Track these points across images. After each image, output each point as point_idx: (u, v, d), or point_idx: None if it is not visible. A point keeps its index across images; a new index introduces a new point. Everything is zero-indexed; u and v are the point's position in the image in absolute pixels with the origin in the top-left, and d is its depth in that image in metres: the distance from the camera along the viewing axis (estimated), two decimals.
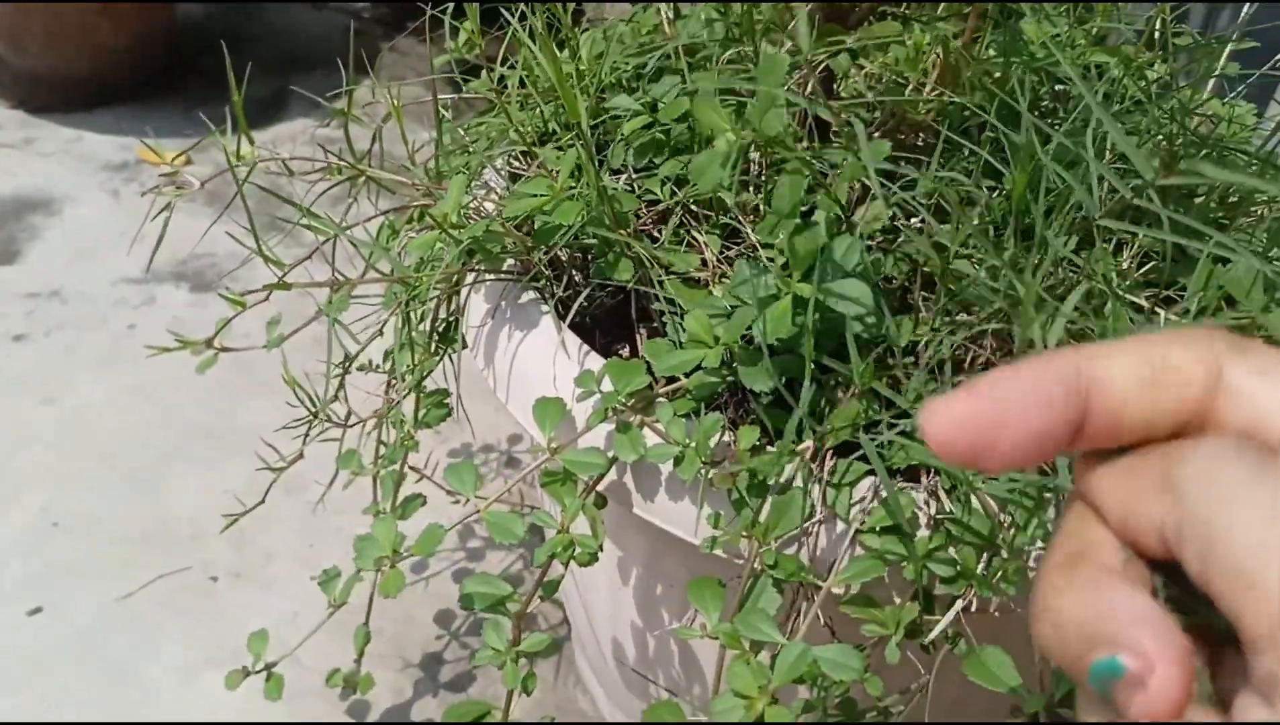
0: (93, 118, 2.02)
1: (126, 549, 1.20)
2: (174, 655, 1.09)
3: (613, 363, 0.60)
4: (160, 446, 1.34)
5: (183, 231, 0.91)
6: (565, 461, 0.59)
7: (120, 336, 1.52)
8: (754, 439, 0.56)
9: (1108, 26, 0.80)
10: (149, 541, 1.21)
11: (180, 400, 1.41)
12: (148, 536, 1.22)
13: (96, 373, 1.45)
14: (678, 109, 0.69)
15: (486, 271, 0.69)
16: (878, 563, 0.53)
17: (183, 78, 2.15)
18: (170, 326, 1.54)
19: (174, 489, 1.28)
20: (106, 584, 1.16)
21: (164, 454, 1.33)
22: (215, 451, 1.33)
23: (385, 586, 0.59)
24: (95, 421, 1.37)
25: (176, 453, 1.33)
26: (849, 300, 0.51)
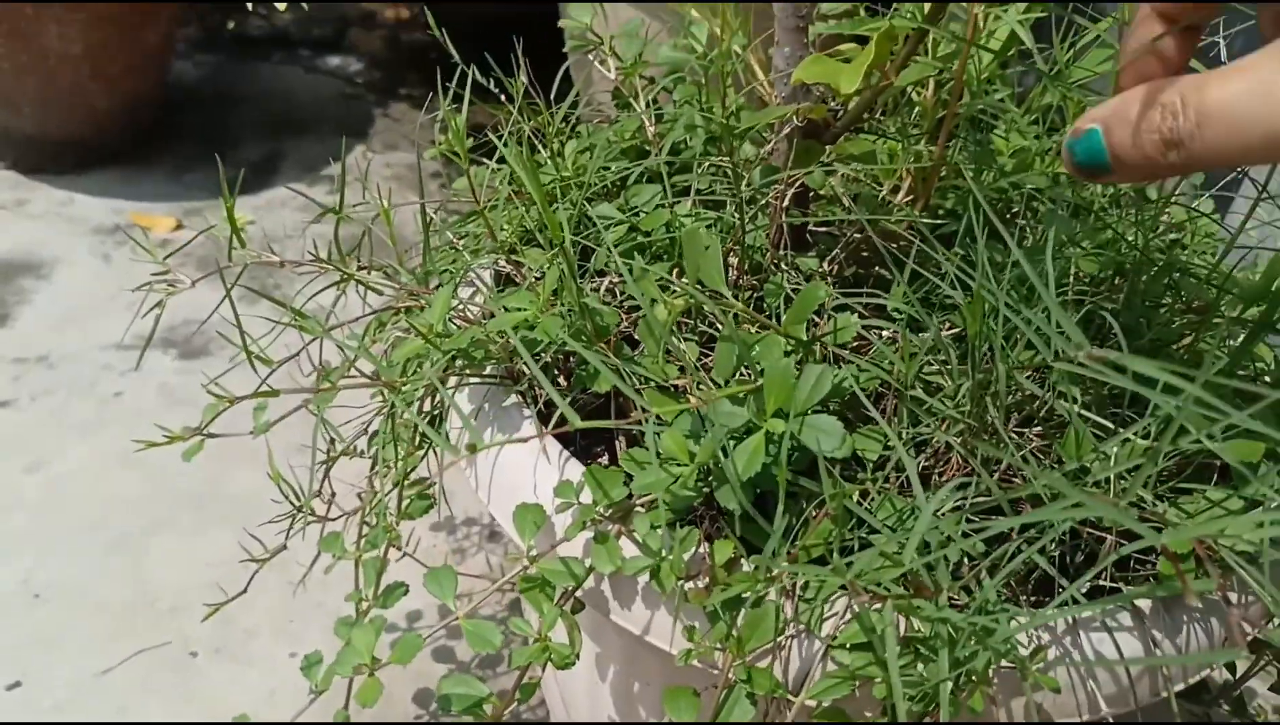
0: (85, 180, 2.04)
1: (107, 621, 1.20)
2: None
3: (591, 471, 0.61)
4: (144, 515, 1.34)
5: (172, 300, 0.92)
6: (543, 570, 0.61)
7: (107, 403, 1.53)
8: (729, 554, 0.57)
9: None
10: (130, 614, 1.21)
11: (166, 469, 1.41)
12: (129, 608, 1.22)
13: (82, 439, 1.46)
14: (658, 219, 0.71)
15: (470, 374, 0.71)
16: (847, 680, 0.55)
17: (175, 140, 2.18)
18: (158, 394, 1.55)
19: (157, 559, 1.28)
20: (86, 657, 1.16)
21: (148, 523, 1.33)
22: (200, 521, 1.34)
23: (362, 696, 0.60)
24: (80, 489, 1.38)
25: (161, 522, 1.34)
26: (822, 434, 0.53)
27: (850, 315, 0.64)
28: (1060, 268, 0.67)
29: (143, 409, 1.52)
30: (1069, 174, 0.51)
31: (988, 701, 0.56)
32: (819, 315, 0.68)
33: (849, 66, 0.59)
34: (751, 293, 0.72)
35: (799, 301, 0.59)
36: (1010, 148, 0.80)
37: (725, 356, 0.56)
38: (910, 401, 0.57)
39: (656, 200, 0.74)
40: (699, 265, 0.55)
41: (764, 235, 0.75)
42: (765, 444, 0.54)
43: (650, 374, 0.64)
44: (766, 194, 0.73)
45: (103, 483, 1.39)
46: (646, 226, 0.71)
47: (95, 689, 1.13)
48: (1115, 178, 0.48)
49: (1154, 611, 0.59)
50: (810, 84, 0.69)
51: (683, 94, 0.83)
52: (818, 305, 0.59)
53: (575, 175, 0.76)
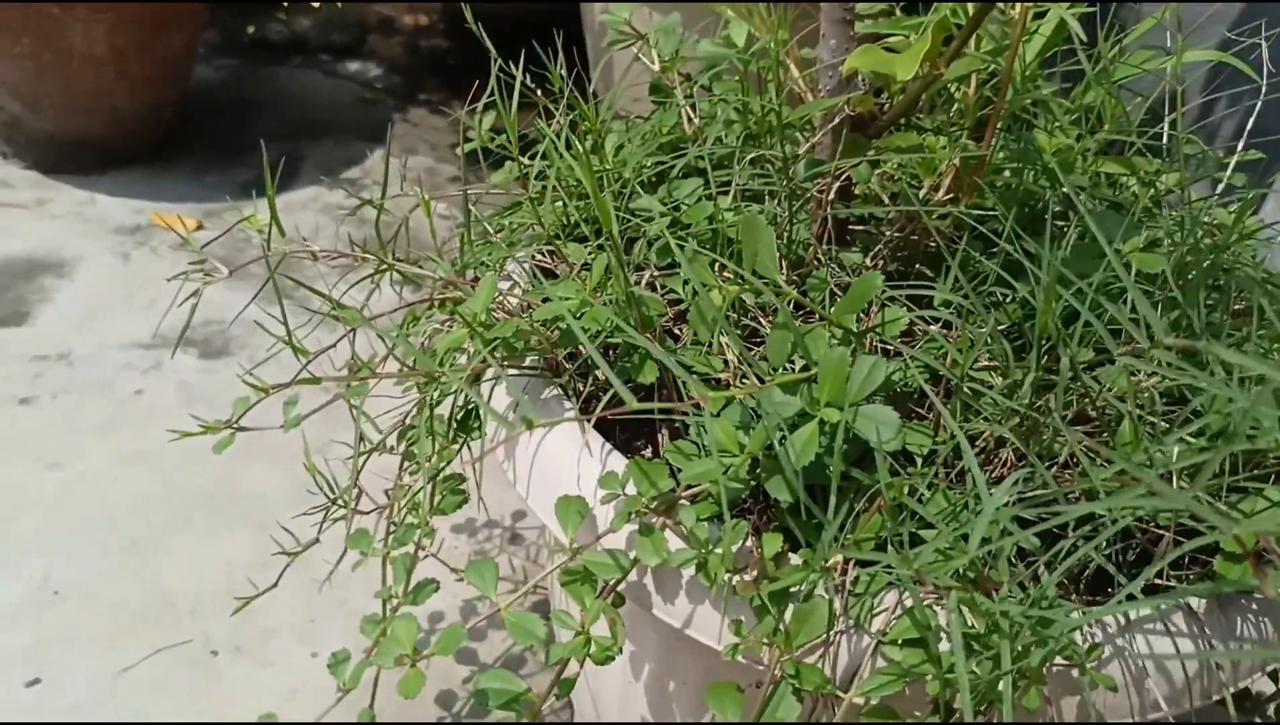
0: (106, 180, 2.04)
1: (127, 620, 1.19)
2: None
3: (636, 463, 0.61)
4: (163, 515, 1.34)
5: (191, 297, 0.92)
6: (587, 563, 0.60)
7: (126, 402, 1.52)
8: (778, 547, 0.56)
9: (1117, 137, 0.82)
10: (150, 612, 1.20)
11: (185, 467, 1.41)
12: (148, 607, 1.21)
13: (102, 438, 1.45)
14: (701, 212, 0.70)
15: (509, 366, 0.70)
16: (899, 676, 0.54)
17: (195, 142, 2.18)
18: (178, 393, 1.54)
19: (176, 558, 1.28)
20: (106, 655, 1.15)
21: (167, 522, 1.33)
22: (218, 521, 1.33)
23: (405, 686, 0.59)
24: (99, 488, 1.37)
25: (179, 521, 1.33)
26: (879, 423, 0.52)
27: (900, 309, 0.64)
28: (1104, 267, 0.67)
29: (162, 408, 1.52)
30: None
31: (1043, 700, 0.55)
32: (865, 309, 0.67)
33: (904, 54, 0.59)
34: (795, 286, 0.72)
35: (854, 290, 0.58)
36: (1053, 146, 0.79)
37: (780, 344, 0.55)
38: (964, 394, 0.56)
39: (698, 193, 0.74)
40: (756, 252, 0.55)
41: (806, 229, 0.74)
42: (819, 433, 0.53)
43: (695, 365, 0.63)
44: (810, 188, 0.72)
45: (122, 481, 1.38)
46: (689, 219, 0.71)
47: (114, 688, 1.12)
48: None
49: (1208, 611, 0.58)
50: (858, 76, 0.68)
51: (722, 89, 0.83)
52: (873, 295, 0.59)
53: (616, 168, 0.76)
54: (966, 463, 0.47)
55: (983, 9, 0.63)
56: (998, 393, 0.56)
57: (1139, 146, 0.83)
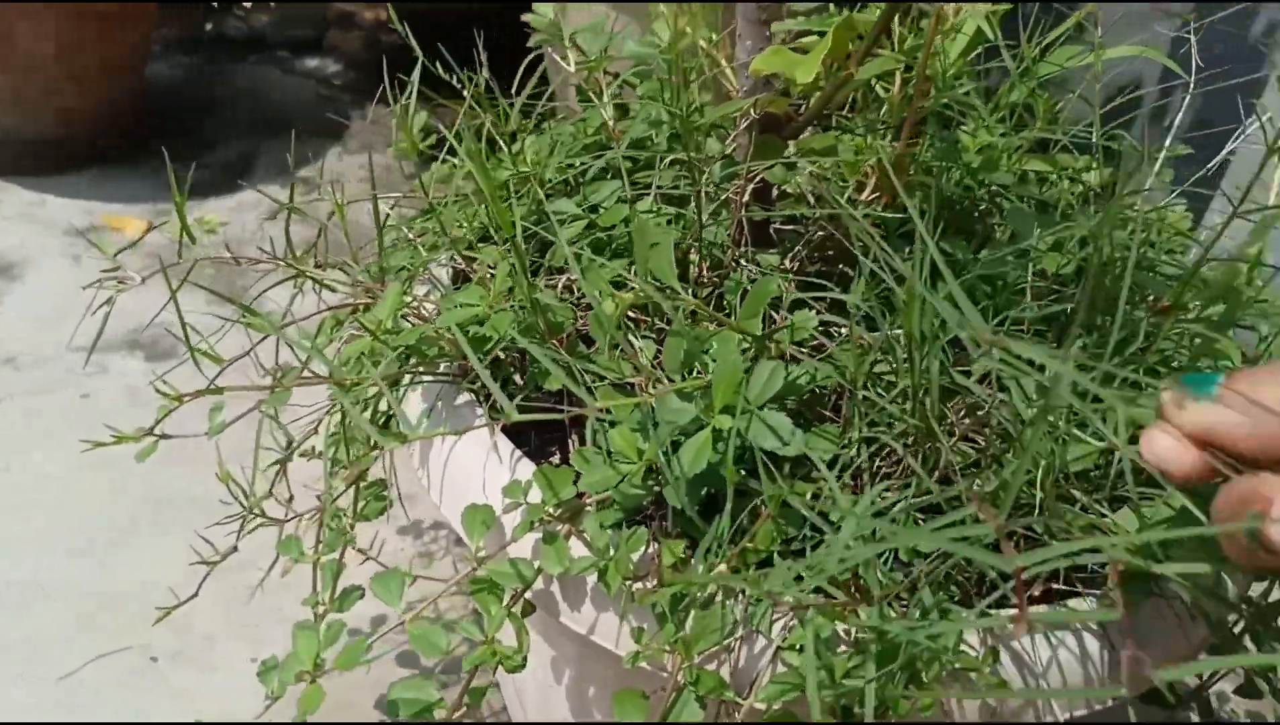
0: (58, 181, 2.01)
1: (70, 625, 1.18)
2: None
3: (542, 471, 0.60)
4: (110, 518, 1.32)
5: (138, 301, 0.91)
6: (491, 572, 0.59)
7: (74, 405, 1.51)
8: (677, 555, 0.56)
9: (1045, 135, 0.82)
10: (93, 617, 1.19)
11: (133, 471, 1.38)
12: (92, 612, 1.20)
13: (49, 441, 1.44)
14: (617, 215, 0.70)
15: (423, 372, 0.70)
16: (795, 681, 0.53)
17: (150, 141, 2.16)
18: (125, 396, 1.53)
19: (121, 562, 1.26)
20: (47, 661, 1.14)
21: (113, 525, 1.31)
22: (166, 523, 1.32)
23: (304, 703, 0.59)
24: (45, 492, 1.36)
25: (126, 524, 1.32)
26: (770, 431, 0.52)
27: (808, 312, 0.63)
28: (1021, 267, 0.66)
29: (110, 411, 1.50)
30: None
31: (939, 703, 0.55)
32: (777, 312, 0.67)
33: (805, 57, 0.58)
34: (712, 290, 0.71)
35: (752, 295, 0.57)
36: (977, 145, 0.79)
37: (674, 351, 0.55)
38: (861, 401, 0.56)
39: (616, 196, 0.73)
40: (649, 259, 0.54)
41: (725, 232, 0.74)
42: (713, 441, 0.53)
43: (603, 371, 0.62)
44: (728, 190, 0.72)
45: (69, 485, 1.37)
46: (605, 222, 0.70)
47: (55, 693, 1.11)
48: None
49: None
50: (770, 76, 0.68)
51: (646, 90, 0.82)
52: (771, 299, 0.58)
53: (534, 170, 0.75)
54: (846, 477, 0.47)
55: (889, 10, 0.62)
56: (890, 400, 0.56)
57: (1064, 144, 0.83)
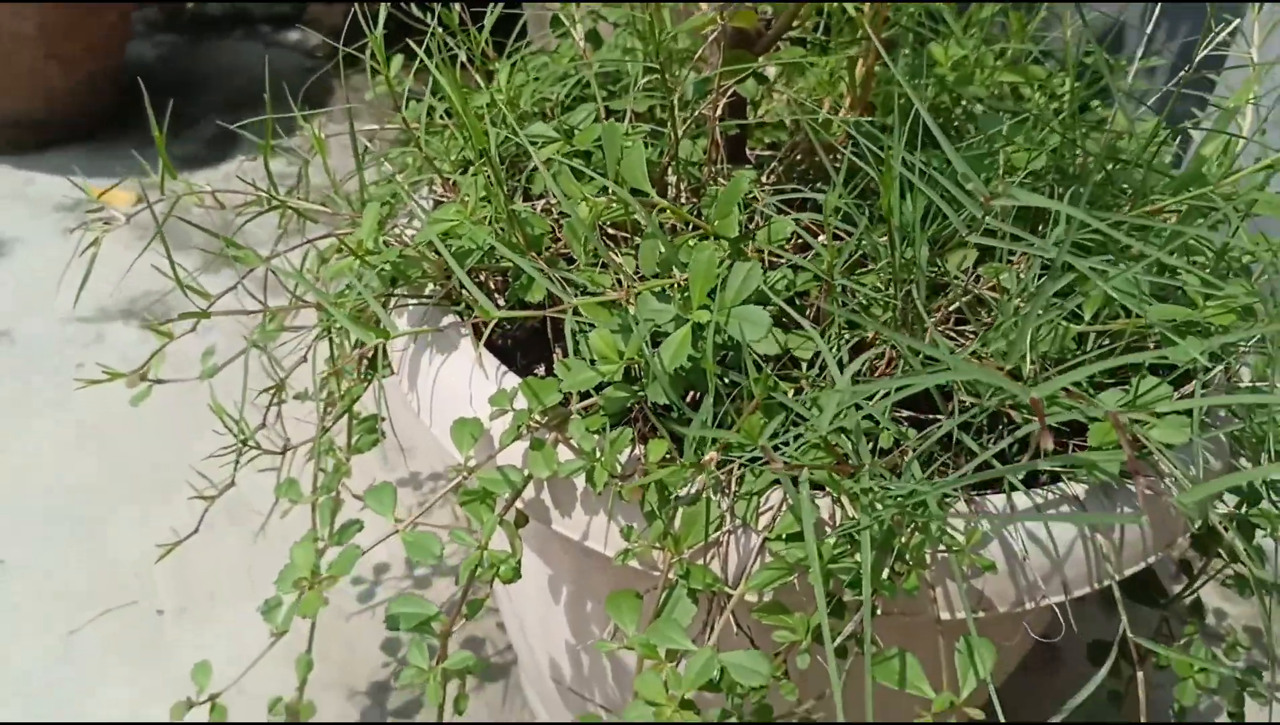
0: (45, 159, 2.02)
1: (74, 587, 1.19)
2: (120, 692, 1.08)
3: (526, 382, 0.61)
4: (108, 486, 1.33)
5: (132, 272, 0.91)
6: (481, 480, 0.60)
7: (69, 377, 1.52)
8: (664, 452, 0.57)
9: (1017, 48, 0.82)
10: (96, 580, 1.21)
11: (129, 438, 1.40)
12: (95, 575, 1.21)
13: (45, 413, 1.45)
14: (592, 134, 0.71)
15: (409, 297, 0.70)
16: (784, 569, 0.55)
17: (135, 119, 2.16)
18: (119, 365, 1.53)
19: (121, 527, 1.28)
20: (53, 622, 1.15)
21: (111, 493, 1.32)
22: (163, 490, 1.33)
23: (304, 607, 0.60)
24: (45, 461, 1.37)
25: (124, 492, 1.33)
26: (748, 323, 0.52)
27: (784, 219, 0.64)
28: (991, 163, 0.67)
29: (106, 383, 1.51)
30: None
31: (924, 584, 0.56)
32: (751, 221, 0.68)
33: None
34: (691, 208, 0.72)
35: (724, 194, 0.58)
36: (950, 58, 0.80)
37: (649, 253, 0.56)
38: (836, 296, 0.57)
39: (592, 117, 0.74)
40: (620, 162, 0.55)
41: (701, 151, 0.74)
42: (692, 337, 0.54)
43: (582, 280, 0.63)
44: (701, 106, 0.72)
45: (66, 454, 1.38)
46: (581, 142, 0.71)
47: (62, 652, 1.12)
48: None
49: (1091, 498, 0.59)
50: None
51: (618, 15, 0.83)
52: (745, 198, 0.59)
53: (509, 97, 0.76)
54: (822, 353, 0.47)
55: None
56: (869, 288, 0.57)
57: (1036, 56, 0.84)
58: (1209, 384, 0.60)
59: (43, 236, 1.81)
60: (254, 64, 2.42)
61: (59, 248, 1.79)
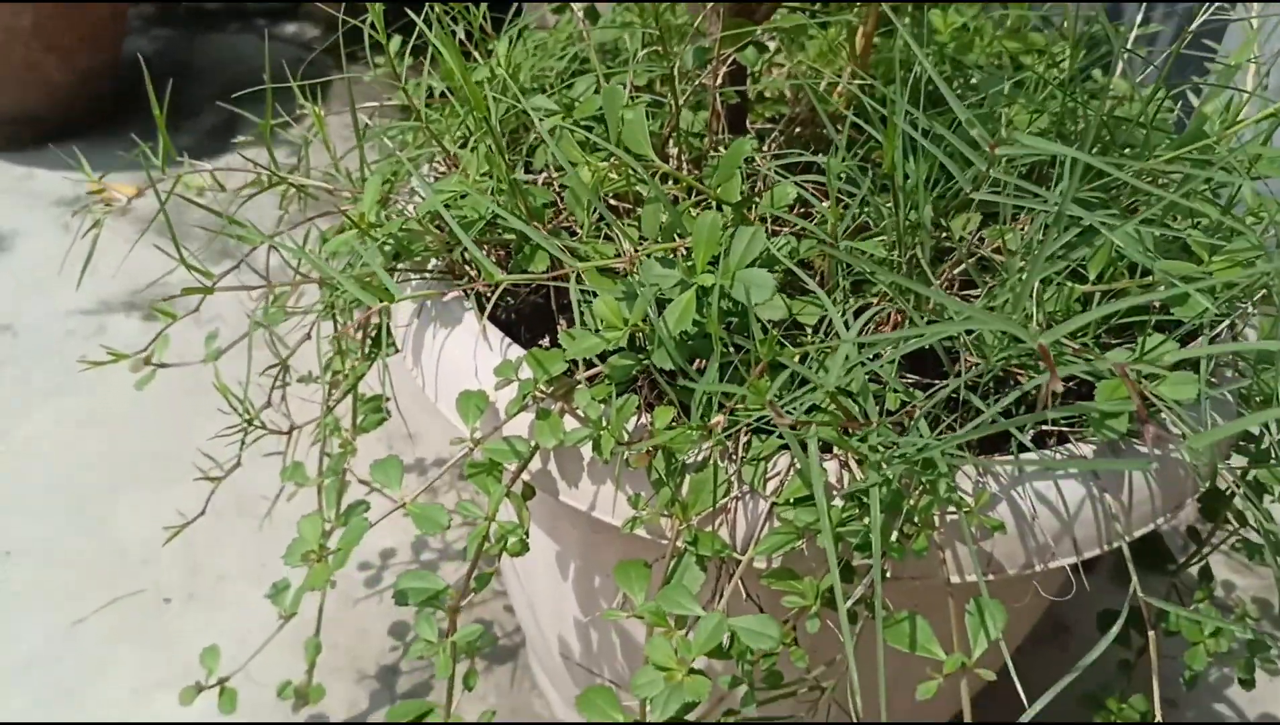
0: (43, 154, 2.02)
1: (79, 575, 1.19)
2: (127, 677, 1.08)
3: (531, 352, 0.61)
4: (112, 474, 1.33)
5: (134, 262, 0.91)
6: (487, 451, 0.60)
7: (72, 368, 1.52)
8: (669, 419, 0.57)
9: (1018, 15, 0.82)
10: (101, 567, 1.21)
11: (132, 428, 1.40)
12: (100, 562, 1.21)
13: (47, 404, 1.45)
14: (592, 106, 0.70)
15: (411, 272, 0.70)
16: (792, 534, 0.54)
17: (133, 112, 2.15)
18: None
19: (126, 515, 1.28)
20: (59, 610, 1.15)
21: (115, 481, 1.32)
22: (167, 478, 1.33)
23: (313, 579, 0.60)
24: (47, 452, 1.37)
25: (128, 480, 1.33)
26: (753, 286, 0.52)
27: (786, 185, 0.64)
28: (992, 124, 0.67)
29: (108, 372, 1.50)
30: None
31: (934, 546, 0.56)
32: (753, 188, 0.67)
33: None
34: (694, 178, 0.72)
35: (726, 158, 0.58)
36: (950, 26, 0.79)
37: (651, 218, 0.56)
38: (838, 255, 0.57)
39: (592, 89, 0.74)
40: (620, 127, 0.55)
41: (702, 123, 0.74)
42: (697, 301, 0.54)
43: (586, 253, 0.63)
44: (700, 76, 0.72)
45: (69, 444, 1.38)
46: (581, 114, 0.71)
47: (69, 639, 1.12)
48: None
49: (1099, 457, 0.59)
50: None
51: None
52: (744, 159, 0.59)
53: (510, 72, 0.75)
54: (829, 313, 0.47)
55: None
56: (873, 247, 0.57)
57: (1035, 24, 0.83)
58: (1215, 341, 0.60)
59: (43, 230, 1.81)
60: (250, 57, 2.42)
61: (59, 241, 1.78)
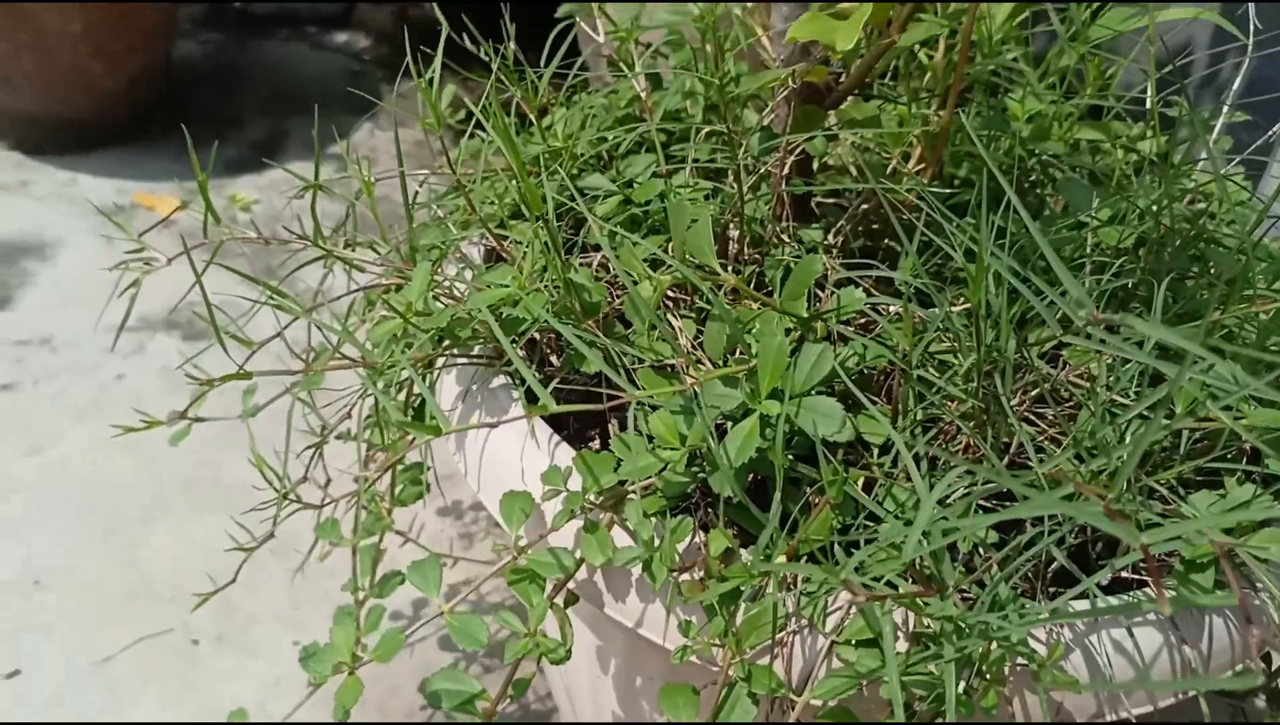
0: (88, 160, 2.01)
1: (108, 608, 1.18)
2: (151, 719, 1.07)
3: (581, 457, 0.58)
4: (144, 501, 1.32)
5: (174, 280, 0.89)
6: (531, 562, 0.58)
7: (108, 386, 1.51)
8: (725, 545, 0.54)
9: (1096, 102, 0.78)
10: (131, 600, 1.19)
11: (165, 453, 1.39)
12: (129, 595, 1.20)
13: (83, 423, 1.44)
14: (652, 190, 0.68)
15: (457, 354, 0.68)
16: (853, 678, 0.51)
17: (180, 119, 2.15)
18: (160, 377, 1.52)
19: (157, 545, 1.26)
20: (86, 645, 1.14)
21: (148, 508, 1.31)
22: (199, 507, 1.32)
23: (342, 696, 0.57)
24: (80, 473, 1.36)
25: (160, 507, 1.31)
26: (820, 417, 0.49)
27: (855, 290, 0.61)
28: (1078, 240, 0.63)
29: (144, 392, 1.50)
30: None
31: (1003, 700, 0.53)
32: (822, 290, 0.64)
33: (845, 23, 0.55)
34: (753, 268, 0.69)
35: (795, 275, 0.55)
36: (1026, 112, 0.76)
37: (715, 335, 0.53)
38: (916, 381, 0.54)
39: (651, 170, 0.71)
40: (686, 239, 0.52)
41: (766, 206, 0.71)
42: (760, 427, 0.51)
43: (642, 353, 0.60)
44: (767, 163, 0.69)
45: (102, 467, 1.37)
46: (639, 198, 0.68)
47: (95, 677, 1.10)
48: None
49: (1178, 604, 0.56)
50: (809, 44, 0.65)
51: (679, 59, 0.79)
52: (815, 278, 0.56)
53: (566, 145, 0.73)
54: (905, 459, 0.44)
55: None
56: (949, 379, 0.53)
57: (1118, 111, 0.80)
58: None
59: (85, 239, 1.80)
60: (300, 64, 2.40)
61: (101, 252, 1.77)
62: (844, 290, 0.61)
